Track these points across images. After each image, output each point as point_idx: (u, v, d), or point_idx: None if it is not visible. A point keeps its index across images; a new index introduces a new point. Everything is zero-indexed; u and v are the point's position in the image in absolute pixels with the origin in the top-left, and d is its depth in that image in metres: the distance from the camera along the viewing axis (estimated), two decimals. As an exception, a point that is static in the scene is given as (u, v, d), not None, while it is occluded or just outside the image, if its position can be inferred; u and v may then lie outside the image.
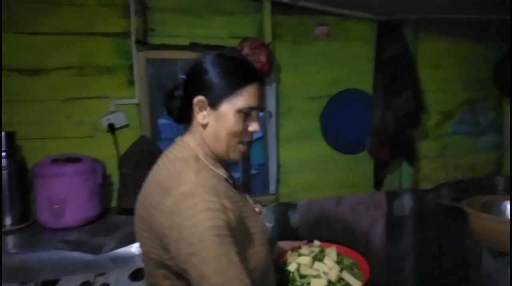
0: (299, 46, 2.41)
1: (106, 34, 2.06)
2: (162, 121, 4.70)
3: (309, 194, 2.47)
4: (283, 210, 2.38)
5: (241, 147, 0.92)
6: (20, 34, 1.92)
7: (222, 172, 0.92)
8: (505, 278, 1.43)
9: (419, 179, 2.69)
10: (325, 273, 1.06)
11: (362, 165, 2.58)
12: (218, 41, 2.19)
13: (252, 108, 0.90)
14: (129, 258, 1.59)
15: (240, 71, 0.89)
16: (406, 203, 2.62)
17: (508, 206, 1.61)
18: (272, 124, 2.34)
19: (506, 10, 2.12)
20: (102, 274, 1.56)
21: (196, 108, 0.89)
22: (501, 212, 1.62)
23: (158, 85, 2.50)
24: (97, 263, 1.55)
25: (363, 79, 2.54)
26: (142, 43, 2.07)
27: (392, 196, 2.60)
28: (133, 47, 2.08)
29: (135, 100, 2.10)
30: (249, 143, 0.94)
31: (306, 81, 2.44)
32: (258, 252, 0.87)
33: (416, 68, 2.55)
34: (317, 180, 2.51)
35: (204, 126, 0.90)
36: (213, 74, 0.88)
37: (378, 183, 2.57)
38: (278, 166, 2.41)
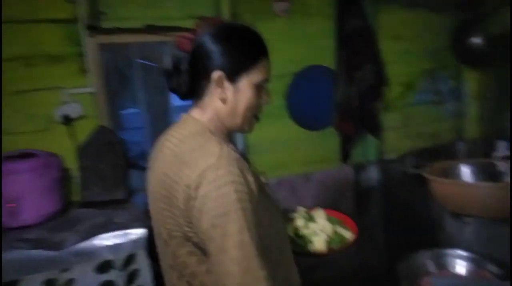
0: (259, 23, 2.33)
1: (53, 21, 1.94)
2: (129, 111, 4.59)
3: (279, 172, 2.48)
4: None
5: (254, 120, 0.95)
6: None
7: (231, 146, 0.88)
8: (463, 237, 1.49)
9: (385, 150, 2.74)
10: (321, 231, 1.13)
11: (329, 140, 2.60)
12: (173, 22, 2.10)
13: (266, 81, 0.91)
14: (93, 251, 1.54)
15: (256, 44, 0.89)
16: (373, 174, 2.69)
17: (465, 169, 1.66)
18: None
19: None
20: (66, 270, 1.51)
21: (213, 83, 0.86)
22: (459, 176, 1.67)
23: (115, 72, 2.40)
24: (60, 259, 1.50)
25: (325, 55, 2.54)
26: (93, 28, 1.97)
27: (359, 169, 2.65)
28: (84, 33, 1.97)
29: (90, 89, 2.01)
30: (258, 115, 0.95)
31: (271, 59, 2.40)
32: (276, 225, 0.87)
33: (377, 41, 2.56)
34: (286, 158, 2.52)
35: (223, 100, 0.87)
36: (230, 47, 0.86)
37: (345, 157, 2.60)
38: (247, 147, 2.39)
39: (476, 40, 2.53)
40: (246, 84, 0.87)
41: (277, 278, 0.82)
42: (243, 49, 0.87)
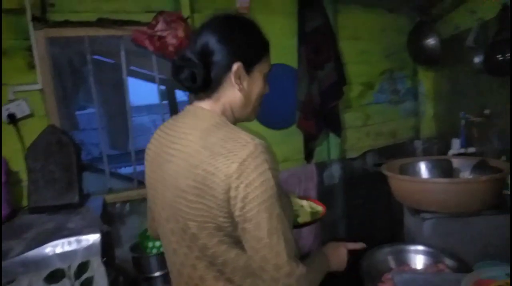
0: (220, 20, 2.32)
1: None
2: (86, 111, 4.37)
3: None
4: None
5: (259, 108, 0.98)
6: None
7: None
8: (421, 233, 1.53)
9: (346, 148, 2.79)
10: (302, 206, 1.29)
11: (292, 139, 2.61)
12: (129, 16, 2.01)
13: (270, 71, 0.96)
14: (43, 260, 1.43)
15: (264, 36, 0.93)
16: (335, 172, 2.72)
17: (422, 166, 1.71)
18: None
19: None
20: (12, 282, 1.39)
21: (232, 75, 0.87)
22: (417, 173, 1.72)
23: (68, 68, 2.26)
24: (4, 270, 1.37)
25: (288, 53, 2.54)
26: (40, 20, 1.83)
27: (322, 167, 2.68)
28: (30, 25, 1.83)
29: (38, 86, 1.87)
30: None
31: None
32: (290, 210, 0.96)
33: (337, 40, 2.59)
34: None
35: (241, 90, 0.89)
36: (247, 39, 0.89)
37: (308, 156, 2.62)
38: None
39: (430, 41, 2.63)
40: (258, 74, 0.92)
41: None
42: (257, 41, 0.91)
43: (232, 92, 0.89)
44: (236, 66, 0.86)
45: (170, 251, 0.94)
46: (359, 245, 1.11)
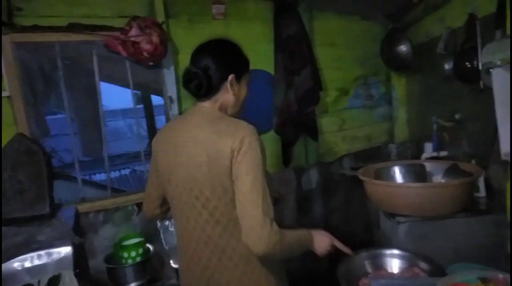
0: (196, 25, 2.30)
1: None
2: (57, 117, 4.21)
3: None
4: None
5: (243, 109, 1.29)
6: None
7: None
8: (396, 236, 1.56)
9: (323, 152, 2.82)
10: None
11: (271, 145, 2.61)
12: (101, 21, 1.96)
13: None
14: (11, 275, 1.36)
15: (245, 55, 1.27)
16: (313, 176, 2.75)
17: (396, 170, 1.75)
18: (174, 110, 2.21)
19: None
20: (-25, 300, 1.31)
21: (228, 83, 1.17)
22: (392, 177, 1.75)
23: (38, 74, 2.18)
24: (-33, 288, 1.29)
25: (265, 59, 2.55)
26: (7, 25, 1.76)
27: (300, 172, 2.70)
28: (-4, 29, 1.75)
29: (5, 93, 1.80)
30: None
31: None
32: (270, 186, 1.14)
33: (313, 46, 2.63)
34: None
35: (234, 94, 1.19)
36: (237, 58, 1.24)
37: (286, 161, 2.63)
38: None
39: (402, 48, 2.70)
40: (244, 82, 1.25)
41: None
42: (243, 58, 1.26)
43: (227, 96, 1.19)
44: (231, 76, 1.17)
45: (184, 219, 1.19)
46: (346, 249, 1.32)
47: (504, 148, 1.30)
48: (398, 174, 1.77)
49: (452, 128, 2.17)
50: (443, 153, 2.29)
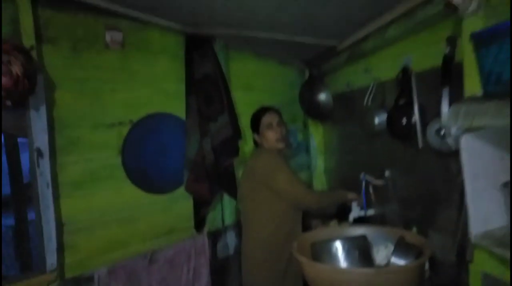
0: (83, 55, 1.77)
1: None
2: None
3: (112, 256, 1.83)
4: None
5: (281, 142, 1.98)
6: None
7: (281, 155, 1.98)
8: None
9: (242, 211, 2.42)
10: None
11: (179, 205, 2.12)
12: None
13: (270, 124, 1.97)
14: None
15: (256, 116, 2.03)
16: (230, 241, 2.32)
17: (339, 246, 1.45)
18: (44, 166, 1.59)
19: (308, 33, 2.10)
20: None
21: (255, 137, 2.02)
22: (333, 255, 1.43)
23: None
24: None
25: (173, 101, 2.11)
26: None
27: (215, 236, 2.24)
28: None
29: None
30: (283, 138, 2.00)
31: (97, 102, 1.81)
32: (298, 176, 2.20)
33: (230, 90, 2.29)
34: (122, 234, 1.90)
35: (262, 140, 1.98)
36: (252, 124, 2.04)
37: (199, 224, 2.16)
38: (60, 225, 1.67)
39: (321, 95, 2.55)
40: (263, 129, 1.97)
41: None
42: (255, 119, 2.02)
43: (261, 141, 1.98)
44: (254, 135, 2.02)
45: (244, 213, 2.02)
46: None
47: (475, 230, 1.08)
48: (340, 250, 1.46)
49: (382, 187, 2.00)
50: (371, 212, 2.11)
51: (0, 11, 1.46)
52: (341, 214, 2.17)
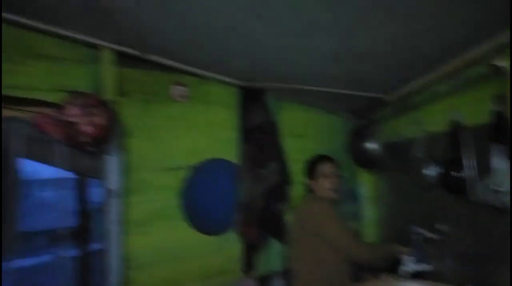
0: (151, 106, 2.00)
1: None
2: None
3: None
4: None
5: (333, 191, 2.04)
6: None
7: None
8: None
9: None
10: None
11: (230, 247, 2.20)
12: (35, 94, 1.59)
13: (326, 174, 2.04)
14: None
15: (312, 162, 2.10)
16: (278, 287, 2.32)
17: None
18: (113, 205, 1.77)
19: (356, 86, 2.20)
20: None
21: (308, 182, 2.07)
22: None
23: None
24: None
25: (228, 148, 2.27)
26: None
27: (264, 281, 2.26)
28: None
29: None
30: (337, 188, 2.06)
31: (161, 149, 2.01)
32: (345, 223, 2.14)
33: (280, 138, 2.41)
34: (177, 272, 2.00)
35: (316, 187, 2.03)
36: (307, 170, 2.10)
37: (248, 267, 2.21)
38: (124, 260, 1.82)
39: (370, 144, 2.58)
40: (319, 176, 2.02)
41: None
42: (309, 168, 2.09)
43: (314, 188, 2.03)
44: (307, 181, 2.07)
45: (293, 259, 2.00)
46: None
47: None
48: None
49: (436, 241, 1.94)
50: (422, 267, 2.03)
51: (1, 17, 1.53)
52: (391, 267, 2.11)
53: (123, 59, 1.82)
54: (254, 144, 2.24)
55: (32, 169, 1.86)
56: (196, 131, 2.15)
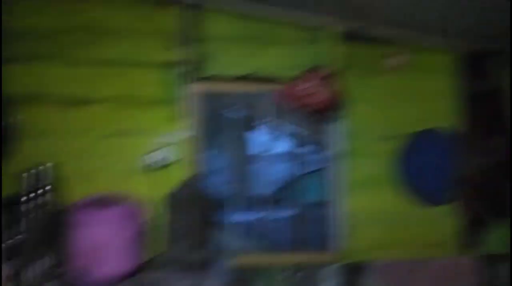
0: (370, 78, 2.11)
1: (151, 65, 1.89)
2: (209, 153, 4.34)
3: (378, 253, 2.05)
4: (350, 273, 1.97)
5: None
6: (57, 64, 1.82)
7: None
8: None
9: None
10: None
11: (443, 220, 2.13)
12: (276, 72, 1.97)
13: None
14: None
15: None
16: (501, 272, 2.10)
17: None
18: (337, 168, 1.99)
19: None
20: None
21: None
22: None
23: (214, 121, 2.25)
24: None
25: (444, 118, 2.16)
26: (192, 75, 1.88)
27: (487, 262, 2.10)
28: (181, 79, 1.88)
29: (184, 136, 1.87)
30: None
31: (377, 118, 2.11)
32: None
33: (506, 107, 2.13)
34: (386, 236, 2.09)
35: None
36: None
37: (470, 245, 2.08)
38: (348, 217, 2.03)
39: None
40: None
41: None
42: None
43: None
44: None
45: None
46: None
47: None
48: None
49: None
50: None
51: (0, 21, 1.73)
52: None
53: (346, 36, 2.01)
54: (477, 114, 2.07)
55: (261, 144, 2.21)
56: (412, 100, 2.14)
